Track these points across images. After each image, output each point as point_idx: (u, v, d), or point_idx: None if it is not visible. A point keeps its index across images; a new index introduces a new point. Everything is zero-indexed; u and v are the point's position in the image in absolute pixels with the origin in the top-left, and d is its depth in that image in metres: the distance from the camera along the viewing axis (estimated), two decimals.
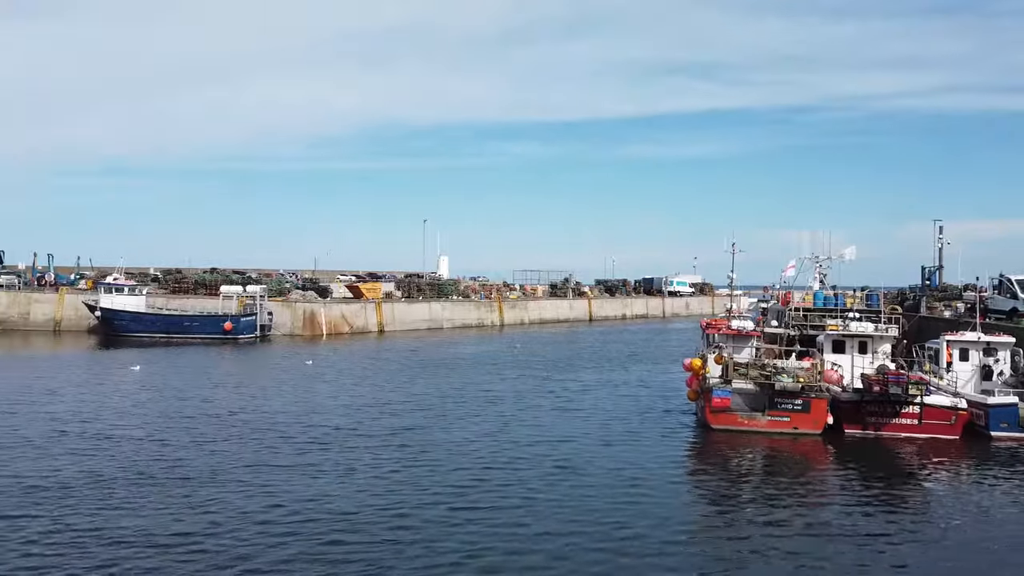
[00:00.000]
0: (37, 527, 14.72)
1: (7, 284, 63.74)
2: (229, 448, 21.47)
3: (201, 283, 68.43)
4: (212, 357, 45.03)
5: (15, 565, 12.95)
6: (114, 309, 55.74)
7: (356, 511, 16.11)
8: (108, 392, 31.18)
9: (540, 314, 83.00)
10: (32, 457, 20.01)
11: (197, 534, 14.55)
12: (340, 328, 61.83)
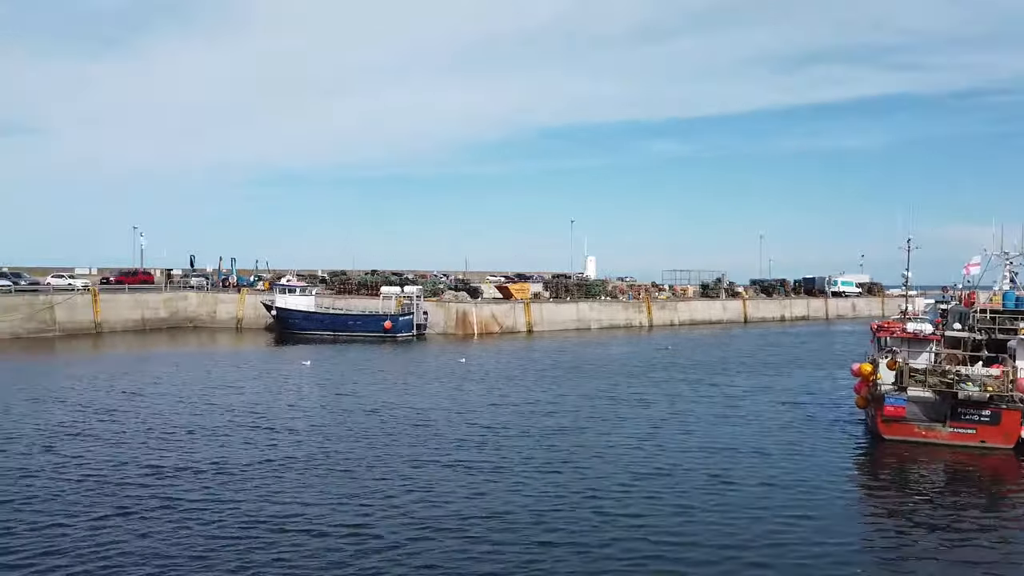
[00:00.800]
0: (211, 508, 16.19)
1: (197, 286, 70.98)
2: (388, 443, 22.56)
3: (363, 284, 72.62)
4: (374, 354, 47.62)
5: (192, 543, 14.32)
6: (287, 308, 60.44)
7: (507, 511, 16.37)
8: (283, 385, 33.82)
9: (691, 315, 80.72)
10: (208, 443, 22.06)
11: (353, 525, 15.37)
12: (490, 328, 63.37)
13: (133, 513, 15.80)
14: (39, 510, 15.87)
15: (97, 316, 59.14)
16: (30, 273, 70.63)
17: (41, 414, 25.93)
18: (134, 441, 22.30)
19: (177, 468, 19.35)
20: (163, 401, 29.04)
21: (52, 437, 22.52)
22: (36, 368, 39.14)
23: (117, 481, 18.08)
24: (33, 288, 61.46)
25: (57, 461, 19.80)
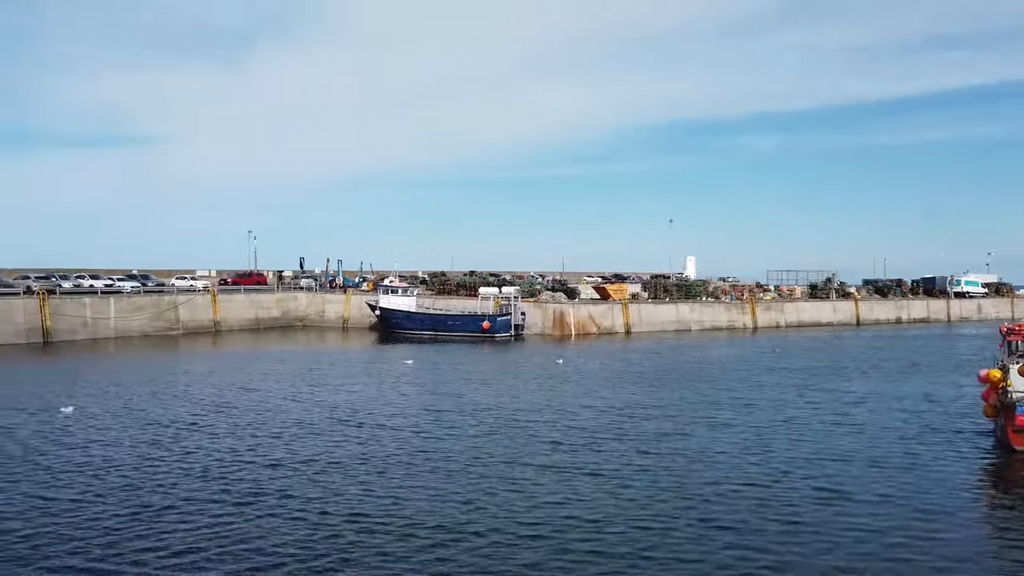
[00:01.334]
0: (315, 502, 16.75)
1: (306, 287, 74.22)
2: (485, 443, 22.72)
3: (462, 285, 73.83)
4: (473, 354, 48.30)
5: (296, 536, 14.86)
6: (390, 308, 62.24)
7: (604, 517, 16.09)
8: (387, 383, 34.79)
9: (798, 316, 77.41)
10: (313, 438, 22.85)
11: (450, 525, 15.48)
12: (587, 328, 62.97)
13: (245, 504, 16.57)
14: (164, 497, 16.96)
15: (216, 315, 62.85)
16: (156, 275, 75.96)
17: (165, 406, 27.76)
18: (245, 434, 23.46)
19: (283, 462, 20.18)
20: (273, 396, 30.45)
21: (175, 429, 24.05)
22: (161, 364, 41.94)
23: (229, 473, 19.04)
24: (159, 289, 66.02)
25: (177, 452, 21.10)
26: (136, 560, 13.44)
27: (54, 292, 55.62)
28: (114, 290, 61.36)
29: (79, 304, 55.18)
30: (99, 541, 14.28)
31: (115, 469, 19.30)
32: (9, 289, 54.50)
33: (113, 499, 16.82)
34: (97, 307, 56.00)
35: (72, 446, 21.76)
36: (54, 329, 52.25)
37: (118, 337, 55.27)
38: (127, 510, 16.07)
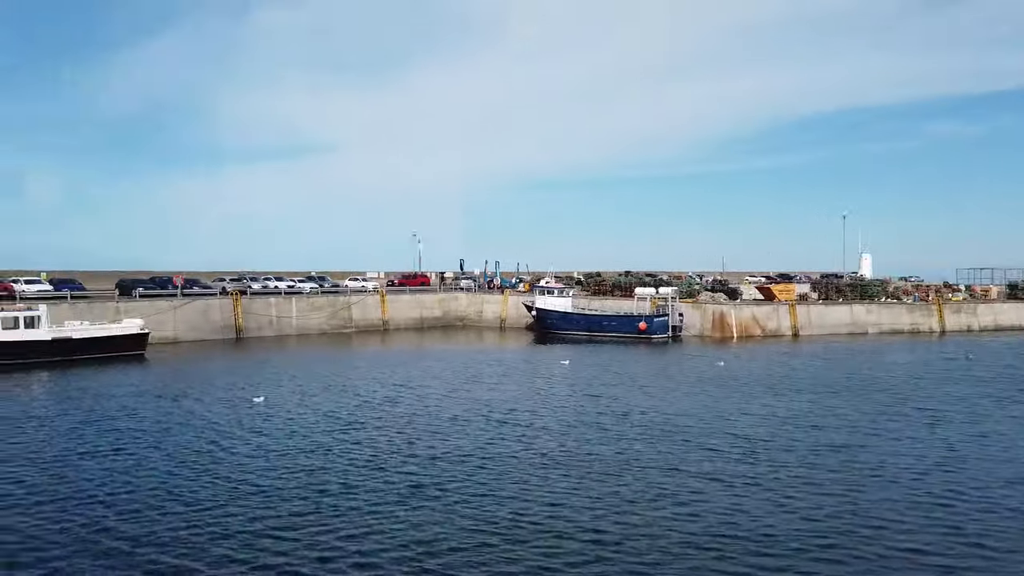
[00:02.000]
0: (467, 499, 17.12)
1: (466, 287, 76.73)
2: (641, 447, 22.26)
3: (617, 285, 73.12)
4: (629, 355, 47.67)
5: (452, 530, 15.25)
6: (546, 309, 62.85)
7: (767, 532, 15.24)
8: (543, 382, 35.13)
9: (995, 319, 69.41)
10: (469, 435, 23.42)
11: (600, 529, 15.30)
12: (751, 330, 60.17)
13: (406, 495, 17.33)
14: (334, 484, 18.13)
15: (384, 315, 66.54)
16: (331, 277, 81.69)
17: (338, 399, 29.73)
18: (407, 428, 24.53)
19: (442, 456, 20.89)
20: (434, 393, 31.69)
21: (346, 420, 25.70)
22: (336, 359, 44.96)
23: (391, 465, 20.00)
24: (335, 290, 70.89)
25: (347, 442, 22.49)
26: (312, 543, 14.45)
27: (245, 293, 61.34)
28: (295, 291, 66.66)
29: (266, 304, 60.51)
30: (281, 523, 15.52)
31: (295, 455, 20.92)
32: (208, 290, 60.85)
33: (294, 483, 18.22)
34: (281, 307, 61.14)
35: (262, 433, 23.87)
36: (245, 327, 57.65)
37: (299, 334, 60.03)
38: (305, 494, 17.33)
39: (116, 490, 17.81)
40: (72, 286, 57.61)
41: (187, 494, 17.47)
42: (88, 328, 44.35)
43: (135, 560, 13.65)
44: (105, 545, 14.30)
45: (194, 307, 55.72)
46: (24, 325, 41.04)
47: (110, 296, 55.68)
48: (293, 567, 13.33)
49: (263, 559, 13.71)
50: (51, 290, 55.23)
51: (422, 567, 13.40)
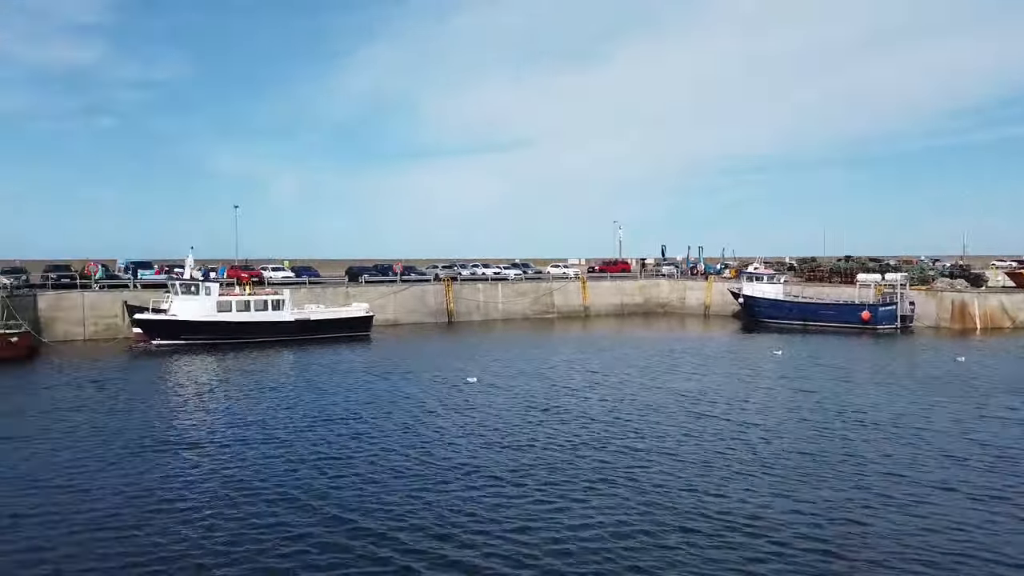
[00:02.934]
0: (658, 491, 16.67)
1: (668, 274, 75.16)
2: (864, 450, 20.42)
3: (836, 271, 67.76)
4: (850, 347, 44.03)
5: (642, 524, 14.91)
6: (754, 296, 59.77)
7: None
8: (749, 374, 33.46)
9: None
10: (663, 426, 22.83)
11: (811, 536, 14.25)
12: (999, 322, 52.86)
13: (594, 485, 17.33)
14: (524, 465, 18.61)
15: (585, 301, 67.15)
16: (535, 264, 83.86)
17: (536, 384, 30.47)
18: (603, 415, 24.50)
19: (634, 447, 20.59)
20: (633, 380, 31.38)
21: (543, 404, 26.28)
22: (537, 344, 46.11)
23: (580, 454, 20.11)
24: (538, 276, 72.74)
25: (544, 425, 22.97)
26: (506, 522, 14.95)
27: (456, 279, 64.92)
28: (501, 277, 69.32)
29: (474, 289, 63.59)
30: (485, 499, 16.23)
31: (504, 433, 21.76)
32: (423, 277, 65.20)
33: (499, 460, 18.95)
34: (488, 292, 63.92)
35: (475, 409, 25.16)
36: (455, 311, 61.03)
37: (504, 319, 62.42)
38: (507, 473, 17.97)
39: (338, 454, 19.60)
40: (310, 273, 64.47)
41: (403, 463, 18.82)
42: (323, 311, 49.42)
43: (342, 525, 14.94)
44: (317, 507, 15.82)
45: (412, 292, 59.96)
46: (272, 308, 46.62)
47: (341, 282, 61.59)
48: (490, 544, 13.86)
49: (460, 536, 14.39)
50: (293, 277, 62.20)
51: (612, 558, 13.33)
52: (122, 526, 14.59)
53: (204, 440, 21.60)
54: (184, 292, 44.90)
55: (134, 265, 58.17)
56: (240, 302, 45.92)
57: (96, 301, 48.13)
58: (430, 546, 13.70)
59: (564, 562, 13.03)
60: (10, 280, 47.89)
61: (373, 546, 13.69)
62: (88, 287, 50.07)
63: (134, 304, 45.97)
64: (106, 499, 16.16)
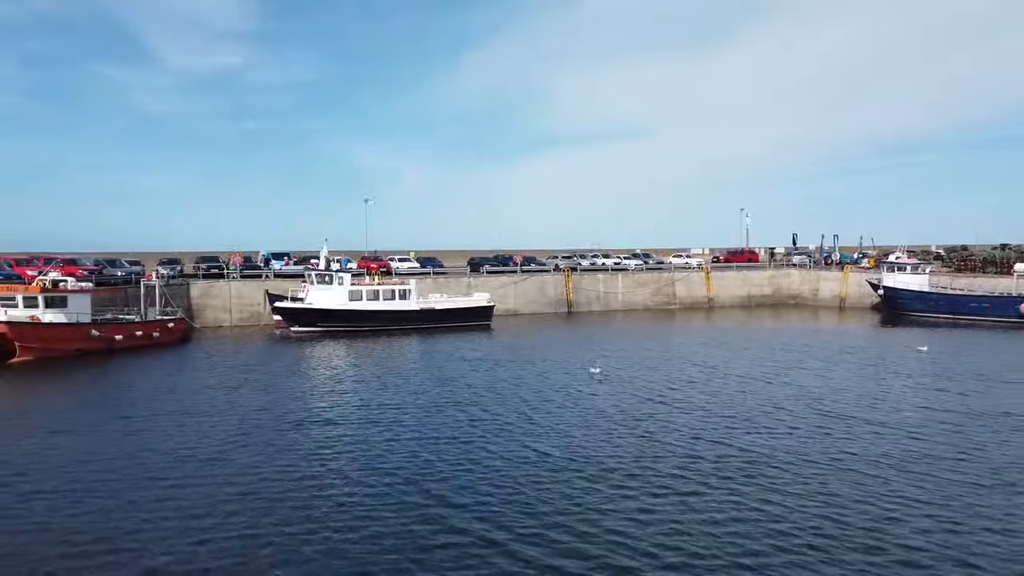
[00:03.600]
0: (770, 497, 15.79)
1: (799, 263, 71.56)
2: (998, 460, 18.61)
3: (990, 261, 62.24)
4: (1006, 343, 40.30)
5: (757, 533, 14.16)
6: (896, 287, 55.91)
7: None
8: (888, 371, 31.30)
9: None
10: (786, 426, 21.66)
11: (945, 547, 13.07)
12: None
13: (706, 477, 16.72)
14: (632, 460, 18.24)
15: (709, 292, 65.21)
16: (656, 254, 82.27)
17: (655, 376, 29.83)
18: (726, 411, 23.58)
19: (749, 447, 19.69)
20: (761, 374, 30.06)
21: (660, 395, 25.70)
22: (658, 335, 45.22)
23: (706, 448, 19.44)
24: (659, 267, 71.34)
25: (657, 418, 22.43)
26: (618, 514, 14.71)
27: (575, 270, 64.76)
28: (621, 268, 68.51)
29: (594, 279, 63.20)
30: (604, 490, 16.08)
31: (629, 425, 21.46)
32: (543, 267, 65.49)
33: (623, 453, 18.74)
34: (608, 283, 63.36)
35: (600, 398, 25.02)
36: (575, 301, 60.93)
37: (624, 309, 61.67)
38: (610, 465, 17.72)
39: (458, 436, 19.98)
40: (434, 264, 66.33)
41: (522, 450, 18.96)
42: (446, 300, 50.74)
43: (456, 508, 15.19)
44: (434, 489, 16.17)
45: (531, 282, 60.40)
46: (399, 297, 48.37)
47: (463, 272, 62.95)
48: (598, 536, 13.69)
49: (576, 525, 14.29)
50: (418, 267, 64.22)
51: (726, 557, 12.82)
52: (266, 498, 15.58)
53: (338, 419, 22.74)
54: (319, 282, 47.39)
55: (269, 256, 62.05)
56: (370, 291, 47.94)
57: (241, 290, 51.70)
58: (544, 535, 13.73)
59: (679, 558, 12.69)
60: (167, 271, 52.34)
61: (487, 532, 13.87)
62: (235, 277, 53.87)
63: (274, 293, 49.03)
64: (248, 472, 17.31)
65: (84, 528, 13.99)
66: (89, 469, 17.60)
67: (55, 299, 35.99)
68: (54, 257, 50.74)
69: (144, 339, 39.83)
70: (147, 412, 23.77)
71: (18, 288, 36.35)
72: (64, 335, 35.75)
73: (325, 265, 50.86)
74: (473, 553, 12.92)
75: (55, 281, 37.65)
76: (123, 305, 43.85)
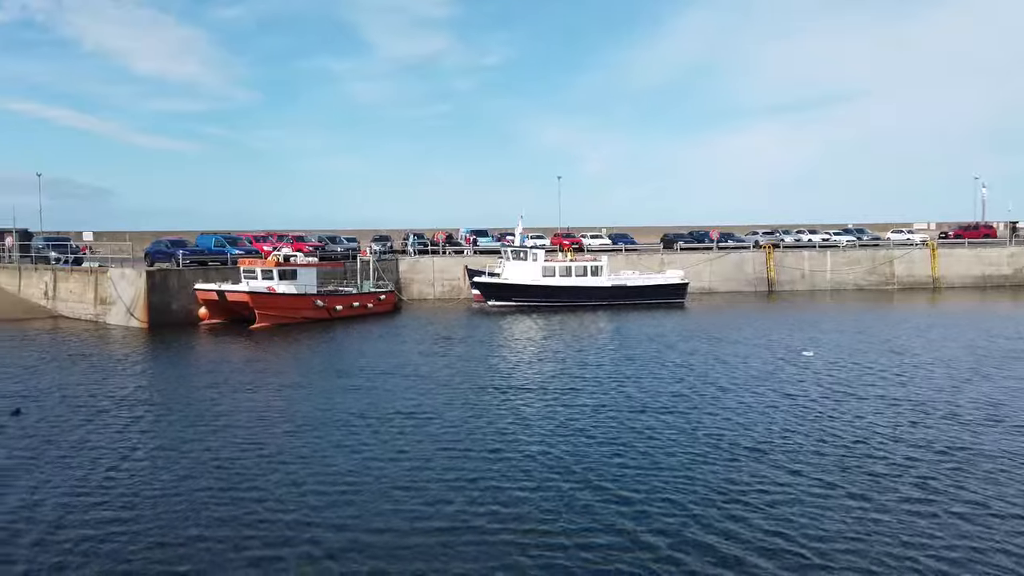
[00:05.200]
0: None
1: None
2: None
3: None
4: None
5: None
6: None
7: None
8: None
9: None
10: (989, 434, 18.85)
11: None
12: None
13: (916, 484, 15.03)
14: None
15: (934, 271, 58.79)
16: (871, 229, 75.37)
17: (886, 363, 27.36)
18: (940, 407, 21.13)
19: (983, 456, 17.41)
20: (993, 366, 26.61)
21: (891, 394, 23.55)
22: (880, 317, 41.50)
23: (898, 451, 17.54)
24: (874, 243, 65.43)
25: (890, 415, 20.54)
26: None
27: (778, 246, 61.21)
28: (830, 244, 63.67)
29: (799, 257, 59.32)
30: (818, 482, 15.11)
31: (846, 417, 20.03)
32: (741, 244, 62.59)
33: (830, 446, 17.53)
34: (815, 260, 59.18)
35: (820, 385, 23.55)
36: (777, 280, 57.64)
37: (833, 289, 57.35)
38: (844, 456, 16.54)
39: (648, 413, 19.73)
40: (626, 240, 65.90)
41: (724, 432, 18.34)
42: (638, 277, 50.25)
43: (637, 483, 14.93)
44: (621, 462, 16.01)
45: (729, 260, 58.01)
46: (591, 273, 48.68)
47: (655, 249, 61.92)
48: (821, 530, 12.87)
49: (783, 527, 13.55)
50: (609, 244, 64.12)
51: None
52: (470, 458, 16.47)
53: (534, 386, 23.50)
54: (514, 258, 48.94)
55: (469, 233, 64.90)
56: (562, 267, 48.72)
57: (444, 265, 54.77)
58: (731, 524, 13.23)
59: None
60: (378, 247, 56.70)
61: (676, 512, 13.62)
62: (437, 253, 57.15)
63: (473, 268, 51.40)
64: (450, 433, 18.37)
65: (347, 464, 15.67)
66: (328, 418, 19.65)
67: (287, 272, 40.34)
68: (285, 235, 56.87)
69: (360, 309, 43.56)
70: (371, 372, 26.21)
71: (257, 262, 41.17)
72: (294, 304, 40.03)
73: (521, 242, 52.37)
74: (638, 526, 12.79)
75: (287, 256, 42.21)
76: (342, 278, 48.23)
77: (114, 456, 16.88)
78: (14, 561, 11.62)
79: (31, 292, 44.78)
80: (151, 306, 38.42)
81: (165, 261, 43.39)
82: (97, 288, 40.93)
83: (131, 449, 17.43)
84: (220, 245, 46.90)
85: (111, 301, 40.01)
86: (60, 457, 16.79)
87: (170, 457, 16.83)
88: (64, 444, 17.73)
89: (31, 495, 14.42)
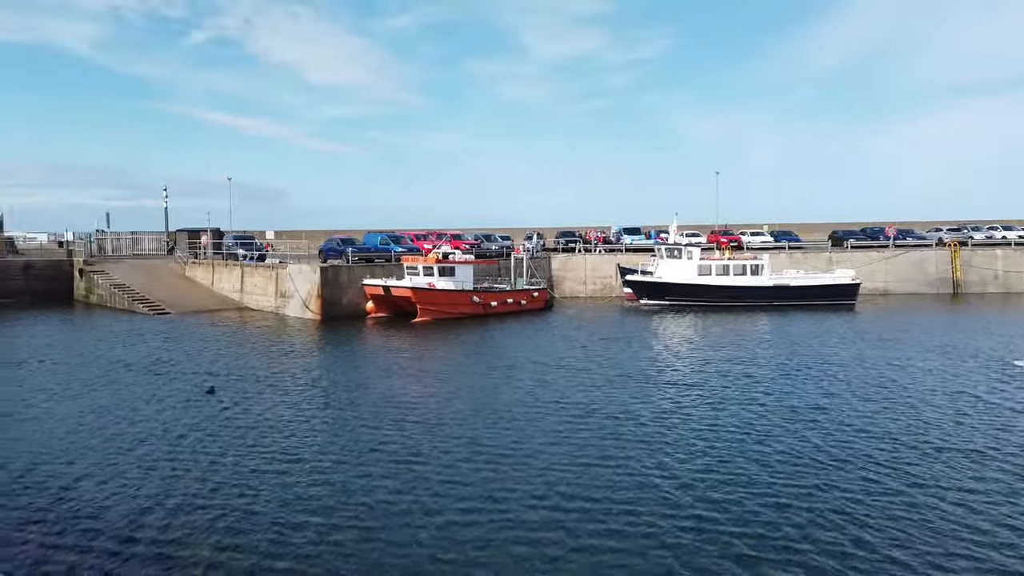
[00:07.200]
0: None
1: None
2: None
3: None
4: None
5: None
6: None
7: None
8: None
9: None
10: None
11: None
12: None
13: None
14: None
15: None
16: None
17: None
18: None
19: None
20: None
21: None
22: None
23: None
24: None
25: None
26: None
27: (965, 244, 55.57)
28: None
29: (991, 256, 53.55)
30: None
31: None
32: (922, 241, 57.39)
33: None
34: (1010, 260, 53.16)
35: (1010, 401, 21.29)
36: (964, 280, 52.34)
37: None
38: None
39: (804, 420, 18.49)
40: (789, 238, 62.42)
41: (884, 447, 16.90)
42: (803, 277, 47.46)
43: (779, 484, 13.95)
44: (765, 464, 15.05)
45: (907, 258, 53.45)
46: (750, 272, 46.59)
47: (823, 247, 58.19)
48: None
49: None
50: (772, 241, 61.04)
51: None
52: (612, 444, 16.31)
53: (680, 381, 22.99)
54: (668, 256, 47.85)
55: (621, 232, 64.21)
56: (719, 266, 47.00)
57: (596, 263, 54.60)
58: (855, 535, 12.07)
59: None
60: (531, 245, 57.49)
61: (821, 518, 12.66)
62: (589, 251, 57.03)
63: (625, 266, 50.81)
64: (595, 419, 18.27)
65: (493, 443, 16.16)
66: (490, 407, 20.26)
67: (446, 269, 41.88)
68: (444, 233, 59.07)
69: (514, 306, 44.37)
70: (525, 364, 26.91)
71: (419, 259, 43.08)
72: (453, 300, 41.48)
73: (675, 238, 51.13)
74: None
75: (446, 253, 43.84)
76: (497, 275, 49.37)
77: (296, 428, 18.38)
78: (224, 514, 12.89)
79: (222, 286, 49.53)
80: (324, 300, 41.29)
81: (336, 258, 46.47)
82: (278, 282, 44.58)
83: (308, 424, 18.84)
84: (385, 243, 49.51)
85: (289, 295, 43.41)
86: (250, 428, 18.47)
87: (343, 432, 18.05)
88: (251, 418, 19.47)
89: (222, 457, 15.96)
